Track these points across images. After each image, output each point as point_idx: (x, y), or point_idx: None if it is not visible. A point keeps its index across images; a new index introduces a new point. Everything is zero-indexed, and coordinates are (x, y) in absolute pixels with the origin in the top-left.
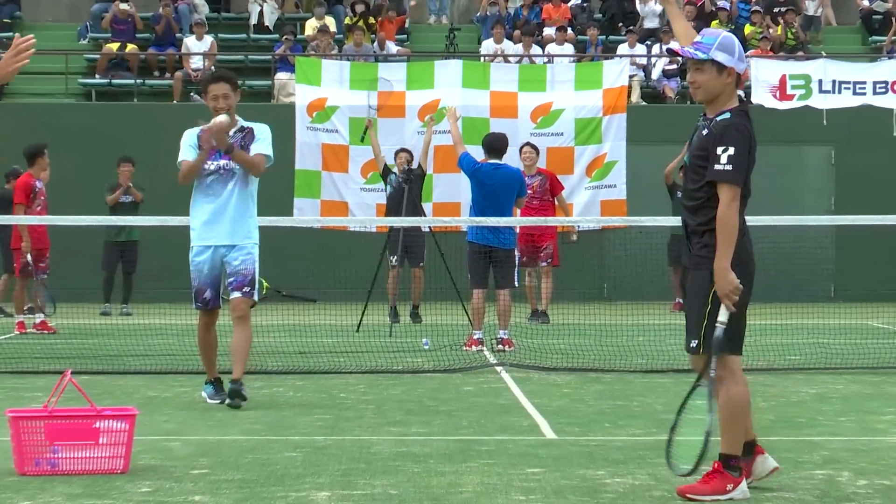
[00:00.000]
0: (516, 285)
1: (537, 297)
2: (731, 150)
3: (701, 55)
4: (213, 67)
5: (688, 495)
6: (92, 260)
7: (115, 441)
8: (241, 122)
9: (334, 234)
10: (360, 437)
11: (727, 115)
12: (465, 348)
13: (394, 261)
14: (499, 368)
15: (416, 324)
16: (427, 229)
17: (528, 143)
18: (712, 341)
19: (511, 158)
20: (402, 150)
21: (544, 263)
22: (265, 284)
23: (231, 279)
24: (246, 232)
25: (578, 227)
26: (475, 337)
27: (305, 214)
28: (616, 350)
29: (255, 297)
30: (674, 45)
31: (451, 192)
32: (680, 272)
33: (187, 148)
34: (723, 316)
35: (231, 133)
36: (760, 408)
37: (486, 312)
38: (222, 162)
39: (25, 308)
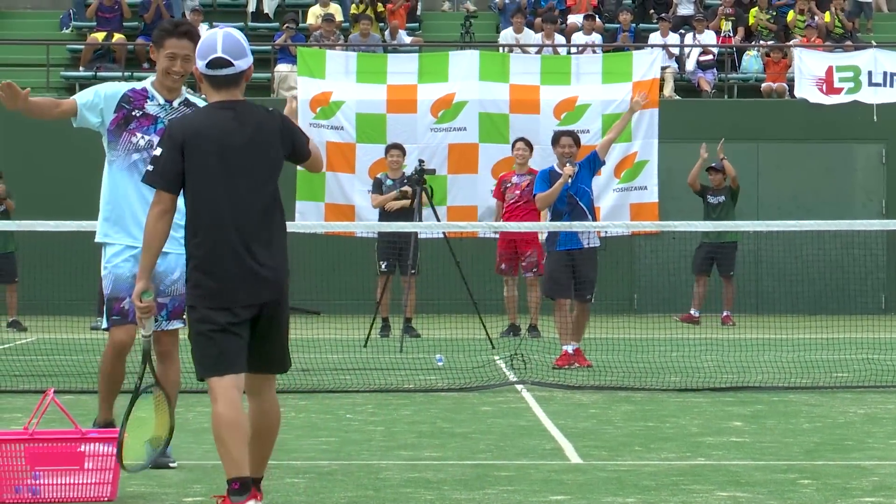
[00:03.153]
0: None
1: (519, 310)
2: (157, 152)
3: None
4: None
5: None
6: (75, 270)
7: (101, 466)
8: (186, 94)
9: (340, 241)
10: (367, 461)
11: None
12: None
13: (383, 267)
14: (519, 387)
15: (413, 338)
16: (440, 235)
17: (521, 139)
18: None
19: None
20: (394, 146)
21: (529, 274)
22: None
23: (165, 300)
24: (181, 236)
25: (605, 232)
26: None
27: (308, 219)
28: (647, 367)
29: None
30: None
31: (467, 194)
32: (704, 282)
33: (91, 90)
34: (146, 330)
35: (176, 104)
36: (805, 429)
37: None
38: (157, 138)
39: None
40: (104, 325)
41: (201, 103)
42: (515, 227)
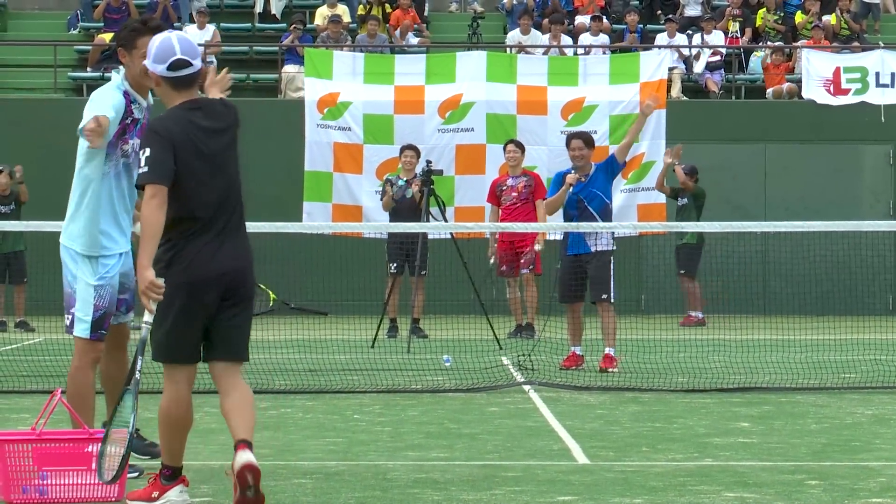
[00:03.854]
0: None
1: (523, 310)
2: (147, 151)
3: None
4: (213, 59)
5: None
6: None
7: (108, 466)
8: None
9: (347, 241)
10: (375, 462)
11: (152, 119)
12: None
13: (393, 268)
14: (527, 388)
15: (421, 339)
16: (448, 235)
17: (512, 141)
18: (137, 343)
19: (534, 159)
20: (409, 146)
21: (525, 271)
22: (272, 296)
23: (126, 295)
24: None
25: (614, 233)
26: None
27: (316, 219)
28: (654, 367)
29: None
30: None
31: (474, 195)
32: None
33: (108, 108)
34: (147, 316)
35: (148, 103)
36: (812, 430)
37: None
38: (137, 141)
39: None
40: (84, 334)
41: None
42: (521, 227)
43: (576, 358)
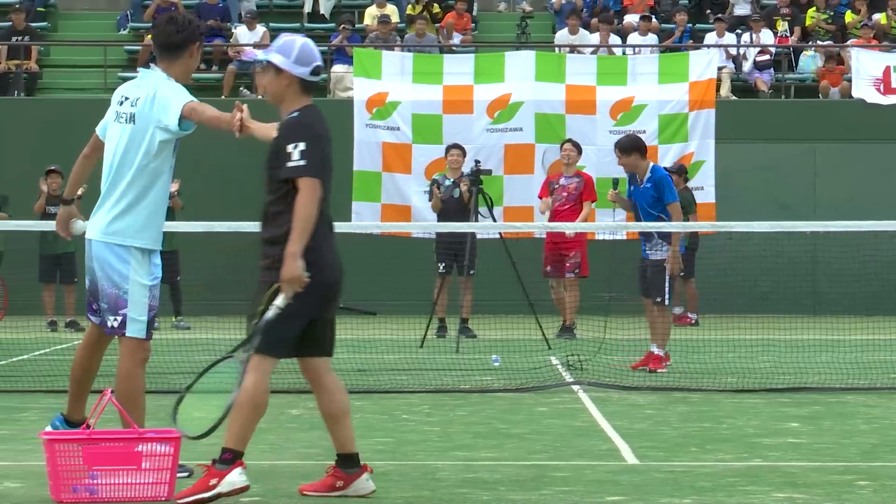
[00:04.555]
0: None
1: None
2: (302, 145)
3: (261, 56)
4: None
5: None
6: None
7: (158, 466)
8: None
9: (396, 241)
10: (423, 462)
11: (295, 114)
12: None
13: (441, 268)
14: (575, 388)
15: (470, 338)
16: (496, 235)
17: (569, 140)
18: (260, 322)
19: (582, 159)
20: (455, 146)
21: (570, 274)
22: None
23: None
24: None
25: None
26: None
27: (364, 219)
28: (703, 367)
29: None
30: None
31: (523, 195)
32: (685, 283)
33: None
34: (280, 301)
35: None
36: (862, 431)
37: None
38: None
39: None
40: (140, 335)
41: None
42: (571, 227)
43: (648, 357)
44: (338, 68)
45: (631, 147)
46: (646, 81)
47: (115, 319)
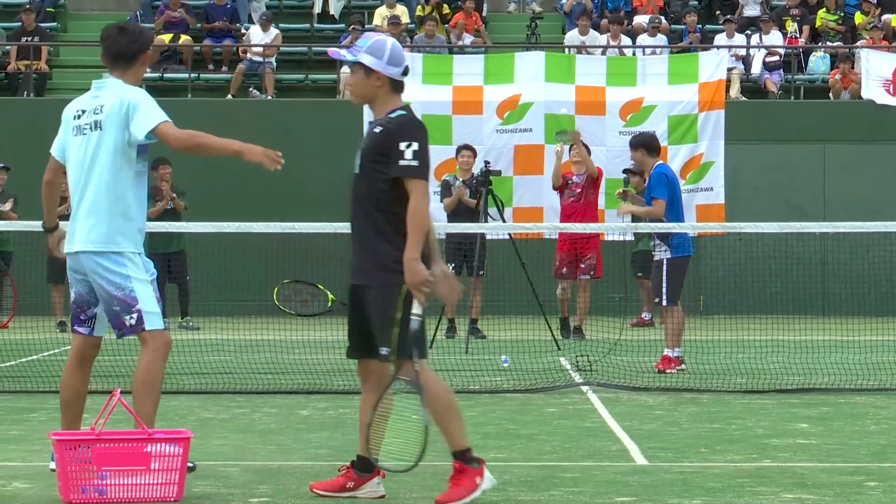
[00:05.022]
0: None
1: (571, 311)
2: (416, 146)
3: (349, 57)
4: (273, 59)
5: None
6: None
7: (167, 466)
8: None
9: None
10: (433, 462)
11: (403, 113)
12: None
13: (450, 269)
14: (585, 388)
15: (479, 339)
16: (506, 236)
17: (466, 146)
18: (408, 334)
19: (593, 158)
20: (465, 146)
21: (586, 276)
22: (330, 296)
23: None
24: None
25: (672, 240)
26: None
27: None
28: (713, 368)
29: None
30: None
31: (533, 195)
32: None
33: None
34: (416, 308)
35: None
36: (872, 431)
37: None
38: None
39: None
40: (160, 325)
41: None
42: (580, 227)
43: (666, 360)
44: (347, 69)
45: (637, 143)
46: (655, 82)
47: (132, 317)
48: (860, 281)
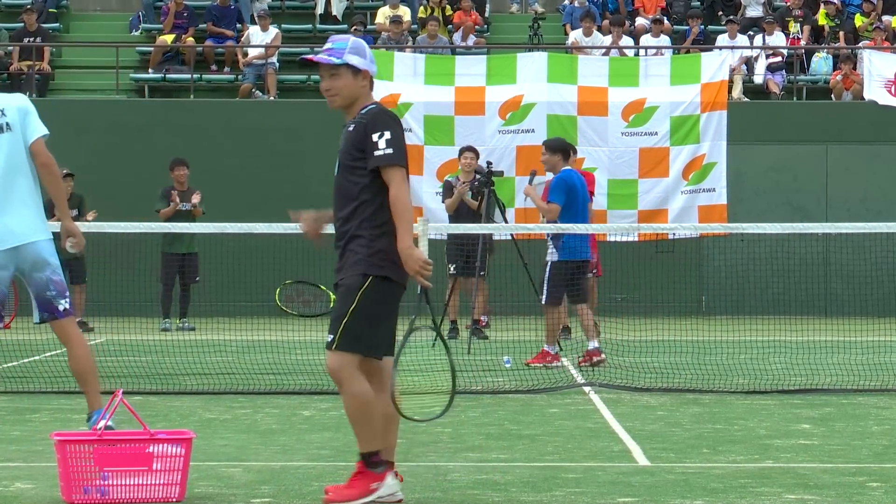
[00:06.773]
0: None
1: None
2: (388, 134)
3: (336, 60)
4: (275, 60)
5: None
6: (142, 271)
7: (169, 467)
8: None
9: None
10: (435, 463)
11: (373, 106)
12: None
13: (452, 270)
14: (587, 389)
15: (481, 339)
16: (508, 237)
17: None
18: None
19: (594, 160)
20: (468, 148)
21: (588, 275)
22: (331, 297)
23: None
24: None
25: (674, 234)
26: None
27: None
28: (715, 369)
29: None
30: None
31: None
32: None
33: None
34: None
35: None
36: (874, 432)
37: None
38: None
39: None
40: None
41: None
42: (582, 228)
43: (541, 355)
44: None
45: (556, 148)
46: (658, 83)
47: (66, 301)
48: (863, 281)
